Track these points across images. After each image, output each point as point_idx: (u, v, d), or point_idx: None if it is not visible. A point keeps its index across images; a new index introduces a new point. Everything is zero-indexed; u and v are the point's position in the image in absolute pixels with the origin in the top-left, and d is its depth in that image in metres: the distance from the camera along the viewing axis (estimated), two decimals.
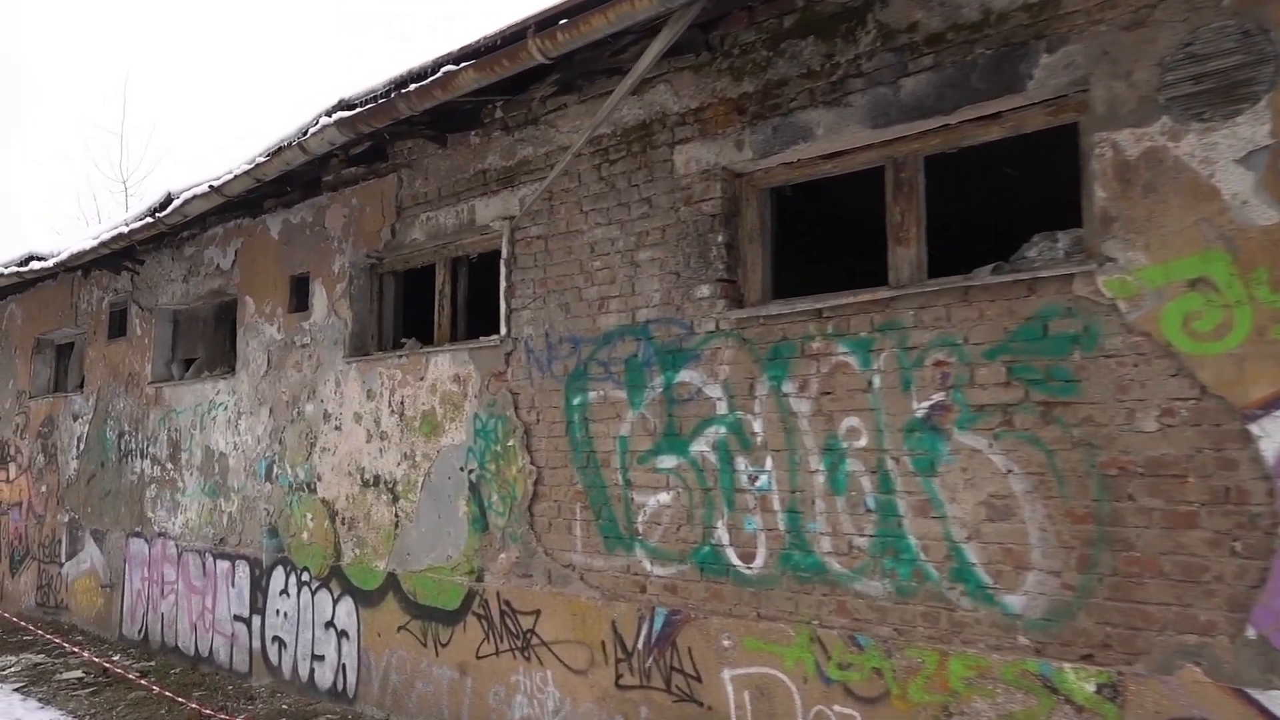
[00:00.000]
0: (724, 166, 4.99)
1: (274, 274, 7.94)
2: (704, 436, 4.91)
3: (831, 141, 4.60)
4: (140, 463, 9.40)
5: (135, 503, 9.43)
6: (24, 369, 11.88)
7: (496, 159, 6.21)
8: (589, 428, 5.45)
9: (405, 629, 6.40)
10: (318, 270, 7.50)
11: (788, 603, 4.52)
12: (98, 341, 10.36)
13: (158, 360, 9.44)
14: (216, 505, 8.31)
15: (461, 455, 6.15)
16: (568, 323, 5.64)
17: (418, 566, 6.38)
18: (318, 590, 7.13)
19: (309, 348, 7.49)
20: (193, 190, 6.65)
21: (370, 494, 6.80)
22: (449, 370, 6.31)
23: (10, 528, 11.79)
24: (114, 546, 9.68)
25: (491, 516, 5.92)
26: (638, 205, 5.35)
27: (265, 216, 8.11)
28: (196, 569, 8.43)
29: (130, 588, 9.34)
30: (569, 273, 5.67)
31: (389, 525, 6.62)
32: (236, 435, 8.14)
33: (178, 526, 8.78)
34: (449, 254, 6.71)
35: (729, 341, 4.86)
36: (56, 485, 10.86)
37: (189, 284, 9.03)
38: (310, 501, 7.31)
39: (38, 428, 11.37)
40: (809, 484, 4.49)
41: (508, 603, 5.77)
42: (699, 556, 4.88)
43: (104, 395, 10.14)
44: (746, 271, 5.01)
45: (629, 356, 5.29)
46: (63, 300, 11.15)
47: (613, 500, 5.29)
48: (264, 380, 7.91)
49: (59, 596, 10.57)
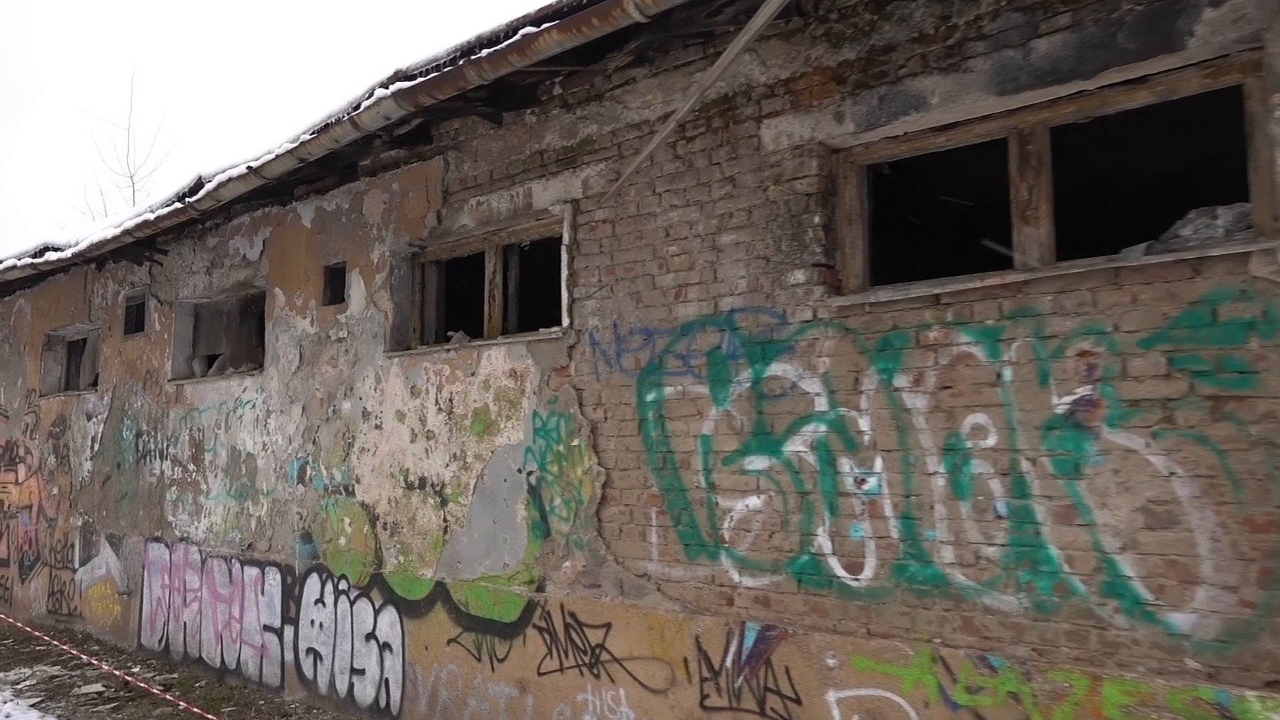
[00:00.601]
0: (820, 141, 4.58)
1: (306, 264, 7.51)
2: (800, 435, 4.49)
3: (948, 111, 4.19)
4: (160, 464, 8.96)
5: (154, 506, 8.99)
6: (34, 366, 11.43)
7: (556, 139, 5.79)
8: (665, 426, 5.03)
9: (456, 642, 5.98)
10: (355, 260, 7.07)
11: (903, 618, 4.10)
12: (113, 337, 9.92)
13: (178, 356, 9.01)
14: (244, 509, 7.88)
15: (519, 456, 5.73)
16: (639, 313, 5.22)
17: (470, 575, 5.95)
18: (357, 600, 6.70)
19: (345, 342, 7.07)
20: (228, 172, 6.22)
21: (415, 497, 6.38)
22: (504, 365, 5.89)
23: (20, 532, 11.34)
24: (131, 552, 9.24)
25: (554, 522, 5.50)
26: (719, 185, 4.94)
27: (296, 204, 7.68)
28: (222, 576, 8.00)
29: (149, 595, 8.90)
30: (640, 259, 5.25)
31: (437, 531, 6.20)
32: (266, 435, 7.72)
33: (201, 531, 8.34)
34: (500, 241, 6.29)
35: (829, 331, 4.44)
36: (69, 487, 10.42)
37: (212, 276, 8.60)
38: (348, 505, 6.89)
39: (49, 427, 10.93)
40: (927, 487, 4.08)
41: (573, 615, 5.34)
42: (796, 566, 4.46)
43: (120, 393, 9.70)
44: (845, 256, 4.60)
45: (711, 348, 4.87)
46: (75, 295, 10.71)
47: (694, 505, 4.87)
48: (296, 377, 7.49)
49: (72, 604, 10.13)
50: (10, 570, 11.46)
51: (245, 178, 6.12)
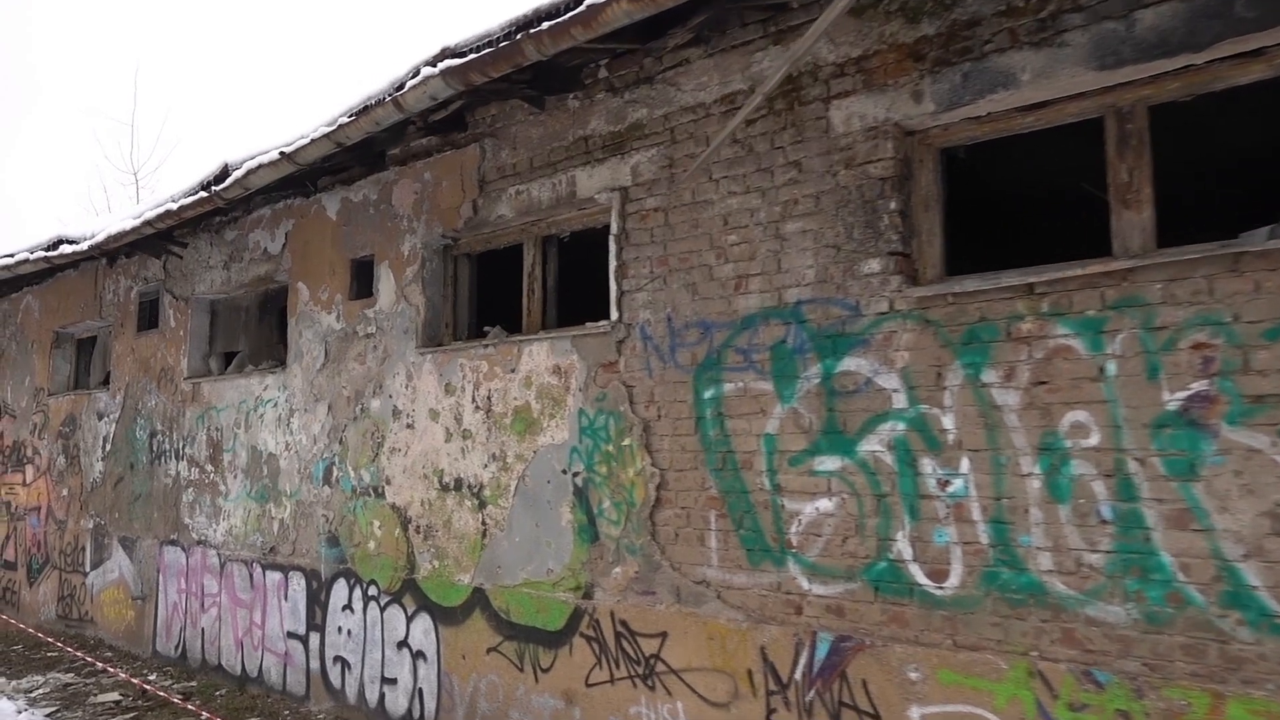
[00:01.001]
0: (896, 122, 4.32)
1: (331, 258, 7.24)
2: (876, 434, 4.23)
3: (1040, 89, 3.93)
4: (175, 464, 8.68)
5: (170, 508, 8.71)
6: (42, 365, 11.15)
7: (602, 123, 5.53)
8: (725, 425, 4.77)
9: (496, 651, 5.71)
10: (384, 253, 6.80)
11: (994, 629, 3.84)
12: (125, 334, 9.64)
13: (194, 354, 8.73)
14: (265, 511, 7.61)
15: (564, 456, 5.46)
16: (695, 305, 4.96)
17: (511, 581, 5.68)
18: (388, 606, 6.43)
19: (374, 338, 6.80)
20: (257, 159, 5.95)
21: (451, 499, 6.11)
22: (546, 361, 5.63)
23: (28, 534, 11.06)
24: (146, 555, 8.97)
25: (603, 525, 5.23)
26: (783, 170, 4.68)
27: (321, 195, 7.41)
28: (243, 580, 7.73)
29: (165, 600, 8.62)
30: (696, 249, 4.99)
31: (474, 534, 5.93)
32: (289, 434, 7.44)
33: (220, 534, 8.07)
34: (539, 232, 6.03)
35: (907, 324, 4.18)
36: (79, 489, 10.13)
37: (230, 271, 8.32)
38: (377, 507, 6.62)
39: (58, 427, 10.65)
40: (1020, 489, 3.82)
41: (625, 623, 5.08)
42: (873, 573, 4.20)
43: (133, 392, 9.43)
44: (921, 244, 4.34)
45: (776, 342, 4.61)
46: (85, 291, 10.43)
47: (757, 508, 4.61)
48: (321, 374, 7.21)
49: (83, 608, 9.85)
50: (18, 574, 11.17)
51: (276, 164, 5.85)
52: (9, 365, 11.92)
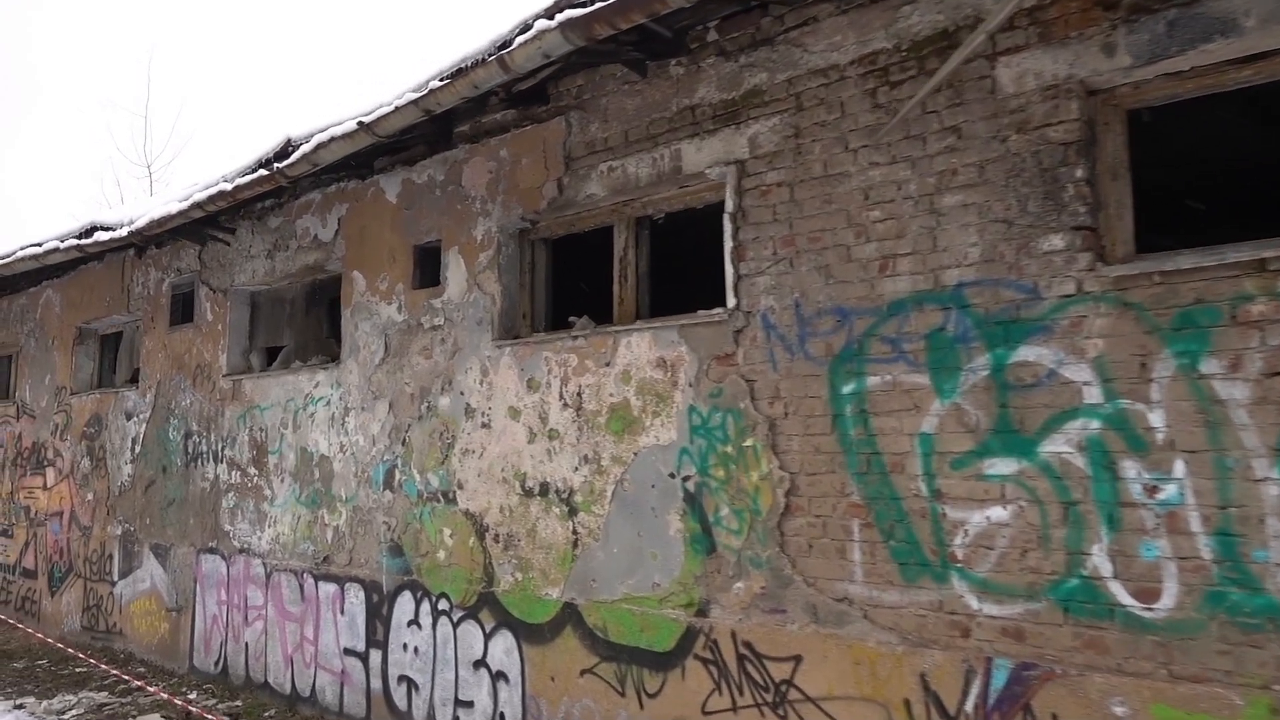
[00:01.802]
0: (1080, 80, 3.80)
1: (392, 244, 6.72)
2: (1062, 433, 3.72)
3: (1269, 35, 3.41)
4: (214, 467, 8.15)
5: (208, 514, 8.18)
6: (64, 362, 10.61)
7: (711, 91, 5.01)
8: (869, 423, 4.25)
9: (592, 673, 5.18)
10: (453, 238, 6.28)
11: (1222, 658, 3.33)
12: (156, 330, 9.11)
13: (234, 349, 8.20)
14: (317, 517, 7.08)
15: (671, 458, 4.94)
16: (830, 290, 4.44)
17: (608, 596, 5.16)
18: (462, 621, 5.90)
19: (441, 330, 6.27)
20: (329, 131, 5.42)
21: (535, 505, 5.58)
22: (648, 353, 5.11)
23: (49, 540, 10.51)
24: (181, 564, 8.43)
25: (720, 535, 4.71)
26: (938, 137, 4.16)
27: (379, 177, 6.89)
28: (292, 592, 7.19)
29: (203, 612, 8.09)
30: (829, 227, 4.48)
31: (564, 544, 5.41)
32: (344, 435, 6.91)
33: (265, 542, 7.54)
34: (632, 213, 5.51)
35: (1101, 307, 3.67)
36: (106, 493, 9.60)
37: (274, 260, 7.79)
38: (448, 514, 6.09)
39: (82, 428, 10.11)
40: (1253, 497, 3.30)
41: (749, 645, 4.56)
42: (1061, 592, 3.68)
43: (165, 390, 8.89)
44: (1109, 217, 3.82)
45: (932, 330, 4.09)
46: (111, 284, 9.90)
47: (911, 516, 4.09)
48: (380, 370, 6.69)
49: (110, 620, 9.31)
50: (39, 582, 10.63)
51: (353, 136, 5.32)
52: (28, 363, 11.39)
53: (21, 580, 10.97)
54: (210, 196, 6.36)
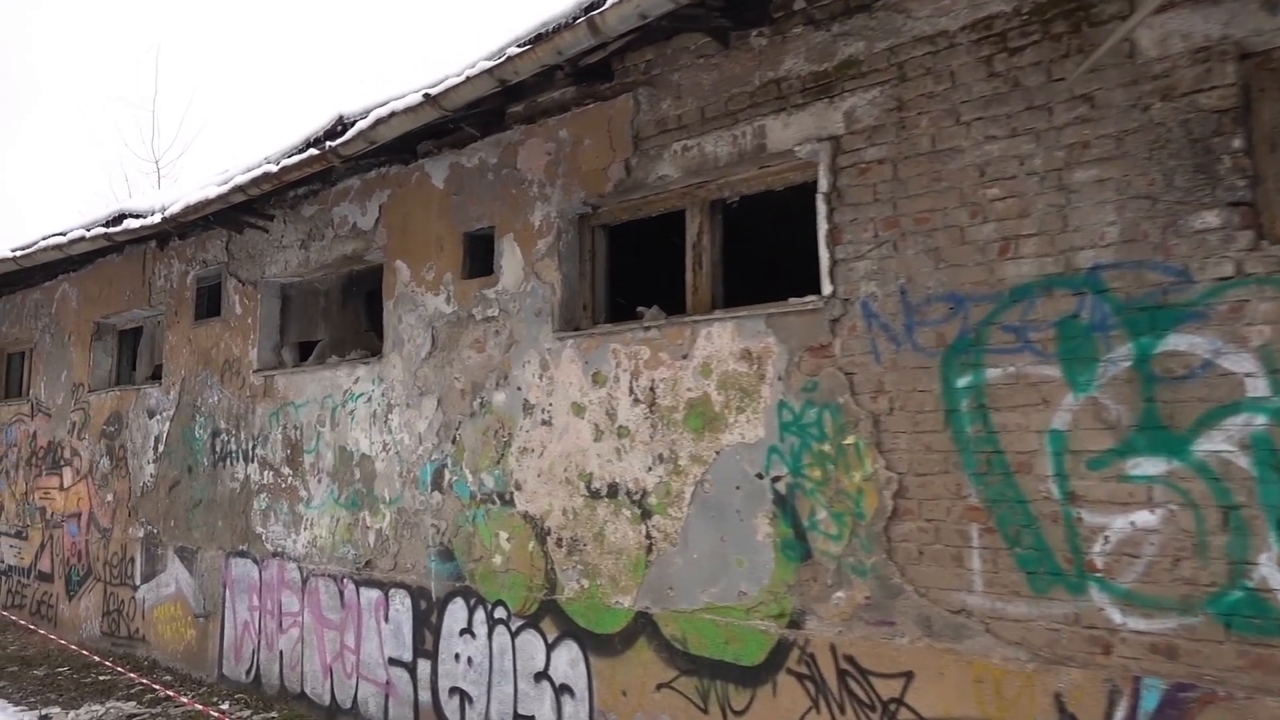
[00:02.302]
0: (1236, 41, 3.46)
1: (439, 232, 6.37)
2: (1221, 430, 3.37)
3: None
4: (244, 467, 7.80)
5: (238, 515, 7.83)
6: (81, 359, 10.26)
7: (800, 63, 4.66)
8: (989, 419, 3.90)
9: (670, 688, 4.84)
10: (507, 224, 5.93)
11: None
12: (180, 324, 8.75)
13: (264, 344, 7.85)
14: (358, 520, 6.73)
15: (759, 457, 4.59)
16: (941, 275, 4.09)
17: (688, 605, 4.81)
18: (521, 631, 5.55)
19: (495, 321, 5.92)
20: (389, 106, 5.05)
21: (603, 508, 5.24)
22: (731, 344, 4.76)
23: (66, 543, 10.16)
24: (208, 568, 8.07)
25: (816, 540, 4.36)
26: (1067, 106, 3.81)
27: (424, 162, 6.54)
28: (330, 598, 6.84)
29: (233, 618, 7.73)
30: (939, 206, 4.13)
31: (636, 549, 5.06)
32: (386, 433, 6.56)
33: (301, 545, 7.18)
34: (706, 195, 5.17)
35: (1266, 290, 3.32)
36: (127, 494, 9.24)
37: (309, 250, 7.44)
38: (504, 516, 5.74)
39: (100, 426, 9.76)
40: None
41: (851, 659, 4.21)
42: (1222, 605, 3.33)
43: (190, 387, 8.54)
44: (1268, 192, 3.48)
45: (1063, 317, 3.75)
46: (130, 277, 9.54)
47: (1041, 521, 3.74)
48: (427, 364, 6.34)
49: (132, 625, 8.95)
50: (55, 585, 10.27)
51: (417, 110, 4.95)
52: (43, 359, 11.03)
53: (37, 583, 10.62)
54: (254, 179, 6.00)
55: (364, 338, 7.36)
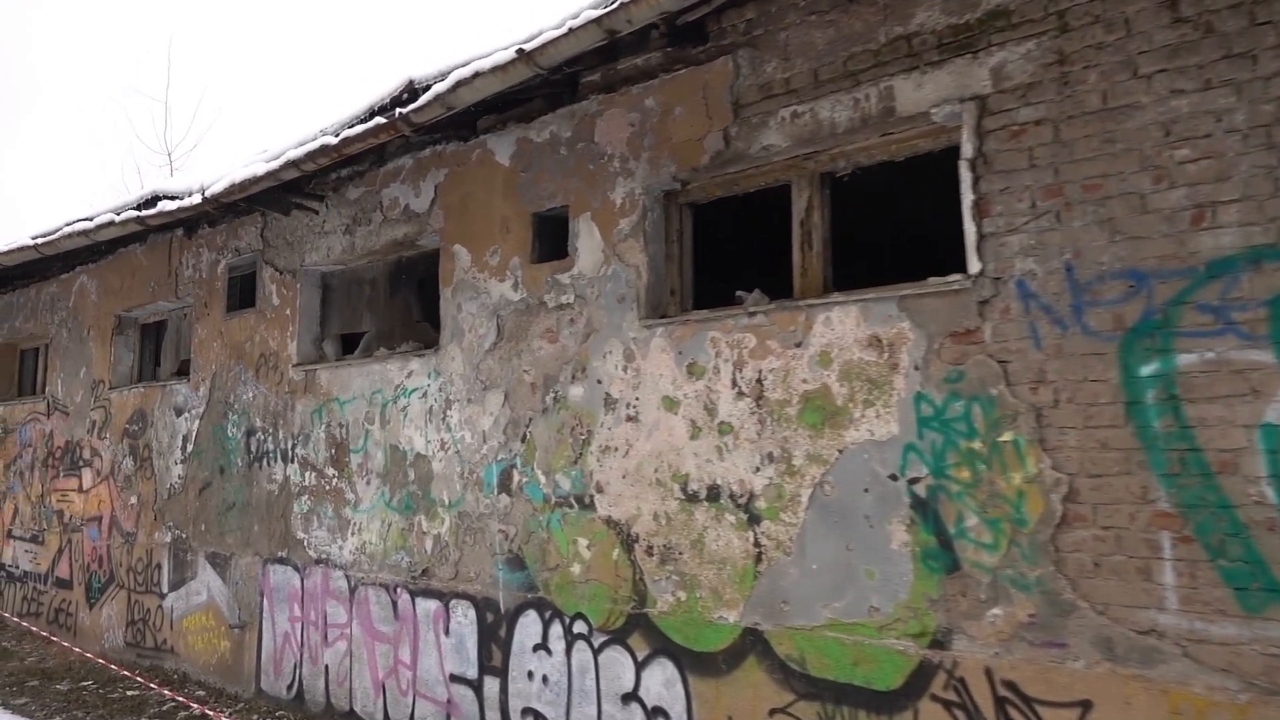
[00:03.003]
0: None
1: (504, 213, 5.87)
2: None
3: None
4: (283, 468, 7.30)
5: (276, 519, 7.33)
6: (101, 354, 9.75)
7: (935, 16, 4.17)
8: (1183, 412, 3.41)
9: (785, 713, 4.34)
10: (583, 202, 5.44)
11: None
12: (210, 316, 8.26)
13: (304, 337, 7.35)
14: (413, 525, 6.23)
15: (892, 456, 4.10)
16: (1117, 249, 3.60)
17: (806, 621, 4.32)
18: (605, 647, 5.06)
19: (571, 309, 5.43)
20: (473, 66, 4.54)
21: (702, 512, 4.74)
22: (855, 331, 4.26)
23: (86, 548, 9.65)
24: (244, 575, 7.57)
25: (966, 550, 3.87)
26: (1275, 54, 3.32)
27: (486, 138, 6.05)
28: (383, 609, 6.34)
29: (272, 629, 7.23)
30: (1113, 171, 3.64)
31: (743, 558, 4.56)
32: (445, 431, 6.07)
33: (348, 552, 6.68)
34: (817, 167, 4.68)
35: None
36: (152, 496, 8.74)
37: (353, 236, 6.94)
38: (584, 521, 5.24)
39: (123, 425, 9.25)
40: None
41: (1013, 685, 3.71)
42: None
43: (221, 383, 8.04)
44: None
45: (1276, 295, 3.25)
46: (156, 268, 9.04)
47: (1251, 529, 3.25)
48: (491, 356, 5.84)
49: (159, 635, 8.45)
50: (74, 593, 9.76)
51: (506, 69, 4.43)
52: (59, 355, 10.53)
53: (55, 591, 10.11)
54: (310, 153, 5.48)
55: (416, 329, 6.86)
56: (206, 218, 6.46)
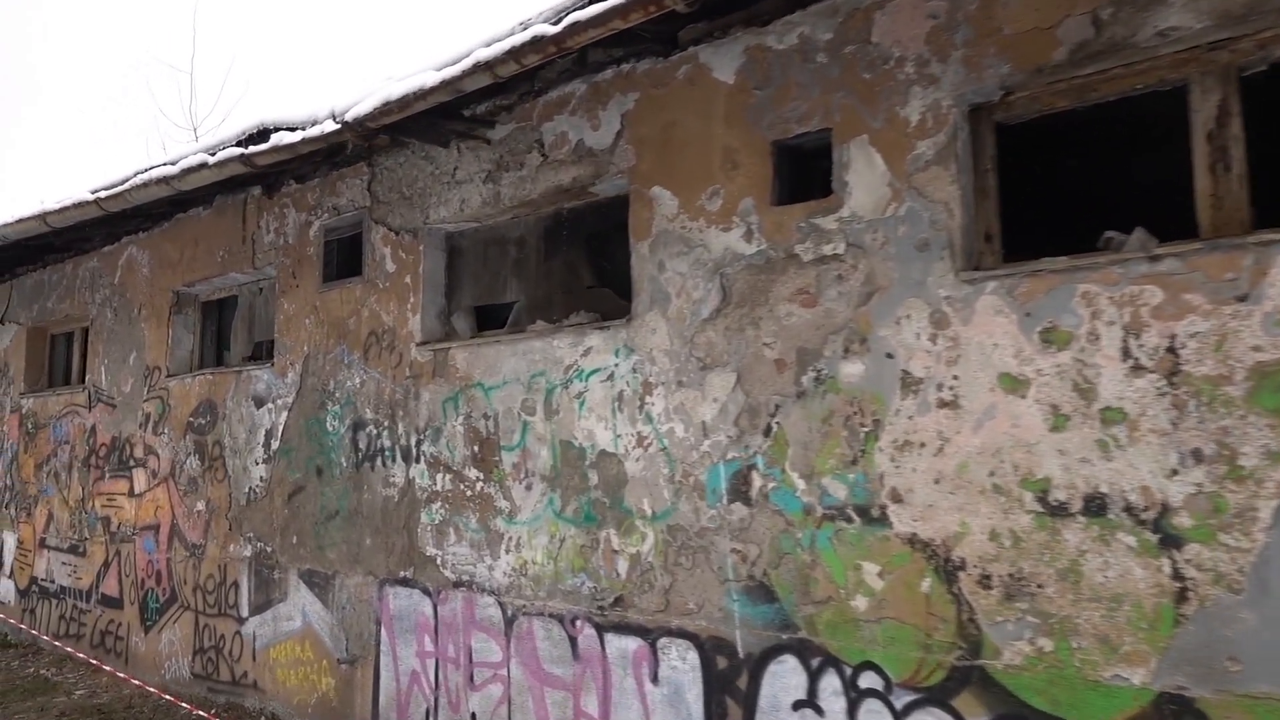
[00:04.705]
0: None
1: (728, 143, 4.60)
2: None
3: None
4: (405, 469, 6.01)
5: (397, 532, 6.04)
6: (156, 337, 8.44)
7: None
8: None
9: None
10: (855, 123, 4.17)
11: None
12: (300, 288, 6.96)
13: (428, 310, 6.07)
14: (597, 540, 4.95)
15: None
16: None
17: (1273, 688, 3.06)
18: (914, 709, 3.79)
19: (839, 261, 4.16)
20: None
21: (1075, 531, 3.47)
22: None
23: (139, 561, 8.34)
24: (353, 598, 6.29)
25: None
26: None
27: (697, 50, 4.77)
28: (554, 646, 5.07)
29: (394, 666, 5.95)
30: None
31: (1153, 596, 3.30)
32: (644, 422, 4.79)
33: (500, 573, 5.41)
34: (1229, 59, 3.42)
35: None
36: (226, 502, 7.44)
37: (497, 185, 5.66)
38: (869, 540, 3.98)
39: (186, 419, 7.95)
40: None
41: None
42: None
43: (316, 367, 6.75)
44: None
45: None
46: (225, 234, 7.75)
47: None
48: (712, 326, 4.57)
49: (238, 668, 7.15)
50: (125, 613, 8.45)
51: None
52: (102, 339, 9.21)
53: (99, 610, 8.80)
54: (512, 50, 4.10)
55: (586, 296, 5.56)
56: (366, 138, 4.99)
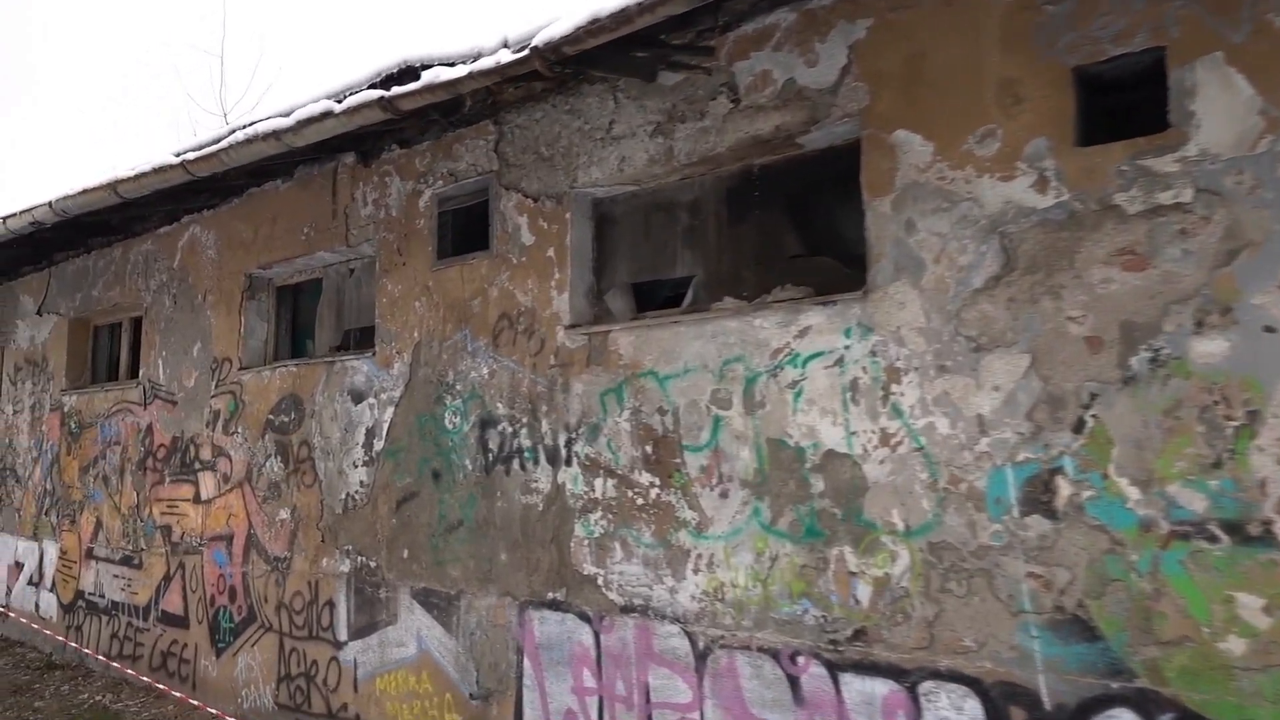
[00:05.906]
0: None
1: (1005, 73, 3.74)
2: None
3: None
4: (551, 472, 5.14)
5: (542, 546, 5.16)
6: (225, 326, 7.56)
7: None
8: None
9: None
10: (1202, 38, 3.32)
11: None
12: (408, 267, 6.09)
13: (577, 288, 5.21)
14: (824, 559, 4.08)
15: None
16: None
17: None
18: None
19: (1182, 214, 3.30)
20: None
21: None
22: None
23: (208, 575, 7.45)
24: (484, 623, 5.41)
25: None
26: None
27: None
28: (767, 687, 4.19)
29: (542, 704, 5.07)
30: None
31: None
32: (890, 416, 3.92)
33: (687, 596, 4.53)
34: None
35: None
36: (316, 510, 6.56)
37: (670, 139, 4.80)
38: (1245, 565, 3.11)
39: (264, 416, 7.07)
40: None
41: None
42: None
43: (430, 356, 5.88)
44: None
45: None
46: (310, 208, 6.88)
47: None
48: (986, 298, 3.71)
49: (334, 698, 6.27)
50: (192, 633, 7.56)
51: None
52: (158, 330, 8.33)
53: (160, 629, 7.91)
54: None
55: (790, 267, 4.66)
56: (556, 68, 4.01)
